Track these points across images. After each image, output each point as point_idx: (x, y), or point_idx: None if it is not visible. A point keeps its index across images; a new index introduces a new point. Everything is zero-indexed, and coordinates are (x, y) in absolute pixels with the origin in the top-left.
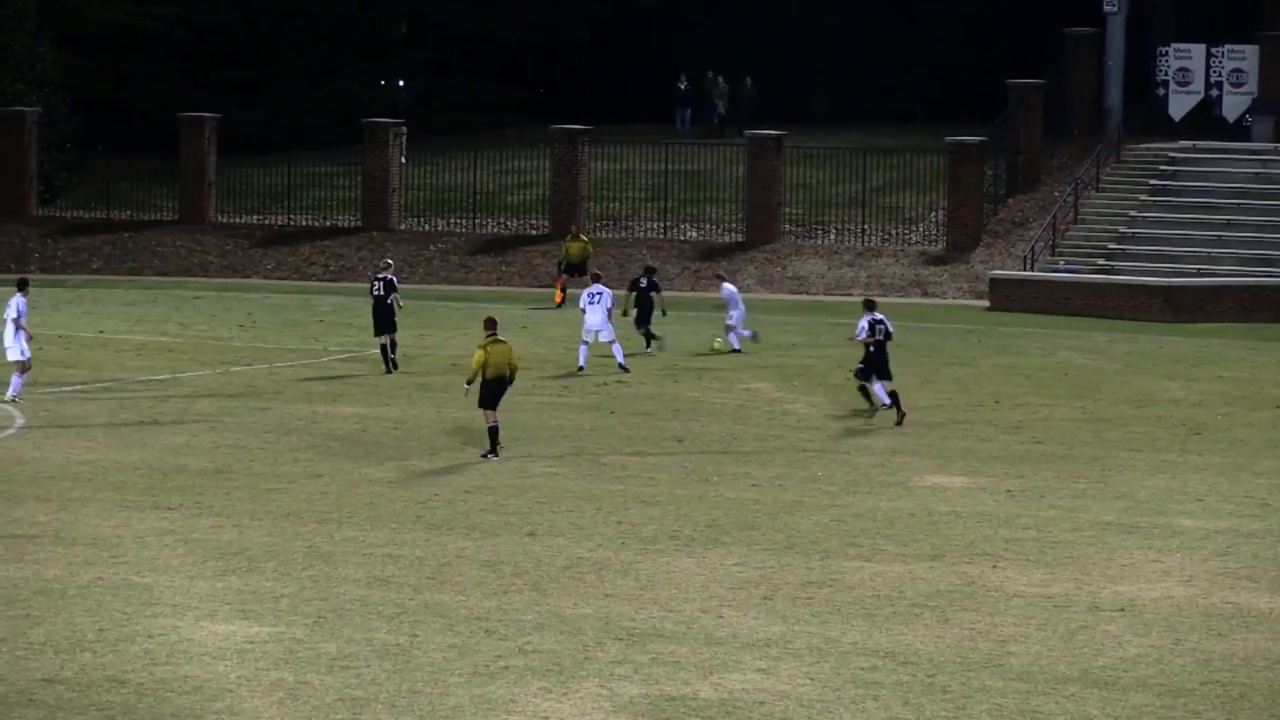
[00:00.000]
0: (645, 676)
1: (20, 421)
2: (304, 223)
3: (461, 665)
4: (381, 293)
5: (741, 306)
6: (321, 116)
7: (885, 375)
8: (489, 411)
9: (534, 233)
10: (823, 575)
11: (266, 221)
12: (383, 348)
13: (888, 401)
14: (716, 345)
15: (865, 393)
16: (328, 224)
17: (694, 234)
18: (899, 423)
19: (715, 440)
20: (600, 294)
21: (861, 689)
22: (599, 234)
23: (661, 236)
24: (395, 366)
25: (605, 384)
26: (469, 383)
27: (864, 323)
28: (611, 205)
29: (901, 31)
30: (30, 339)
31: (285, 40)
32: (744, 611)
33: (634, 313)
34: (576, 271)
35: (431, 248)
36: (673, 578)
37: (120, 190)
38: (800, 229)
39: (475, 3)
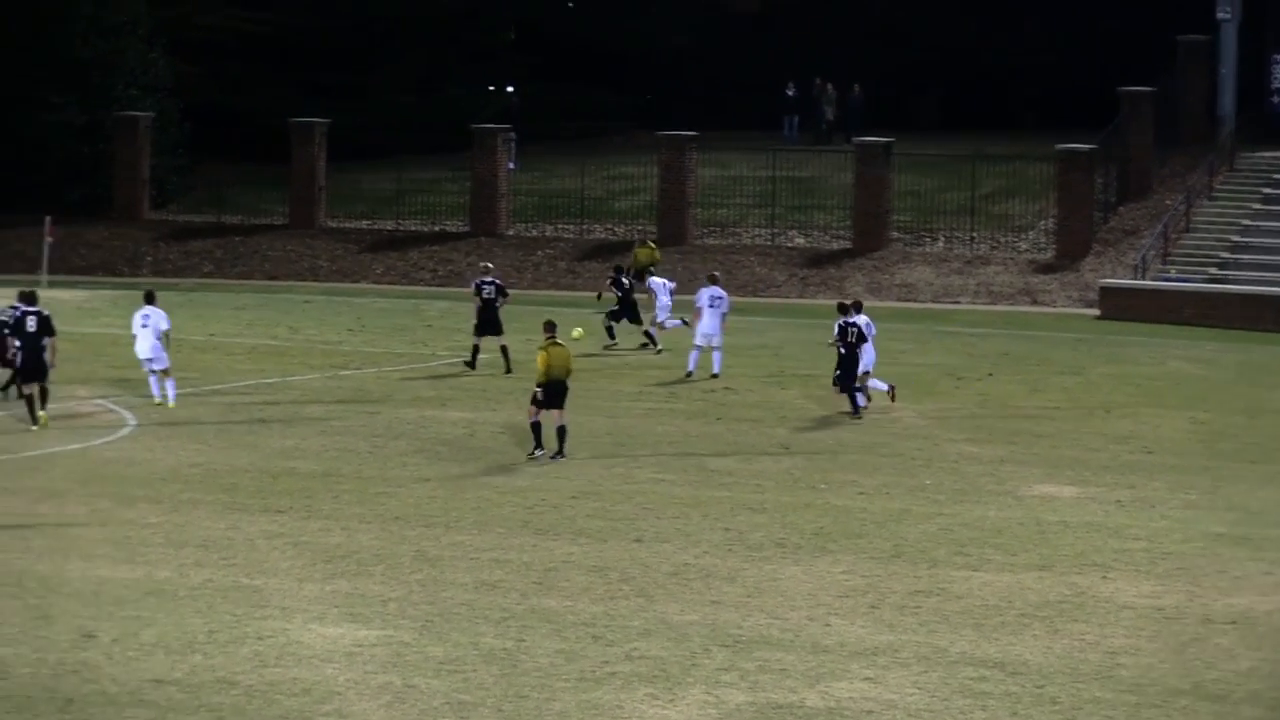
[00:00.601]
0: (752, 684)
1: (132, 423)
2: (413, 228)
3: (568, 670)
4: (492, 296)
5: (666, 299)
6: (430, 122)
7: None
8: (541, 410)
9: (642, 239)
10: (930, 584)
11: (376, 226)
12: (474, 349)
13: (884, 387)
14: (576, 334)
15: (853, 399)
16: (436, 229)
17: (801, 241)
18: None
19: (822, 448)
20: (721, 298)
21: (969, 699)
22: (705, 240)
23: (768, 243)
24: (510, 369)
25: (712, 390)
26: (539, 385)
27: (835, 326)
28: (719, 211)
29: (1010, 38)
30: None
31: (395, 46)
32: (851, 620)
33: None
34: (639, 277)
35: (539, 253)
36: (779, 585)
37: (231, 194)
38: (908, 236)
39: (583, 9)
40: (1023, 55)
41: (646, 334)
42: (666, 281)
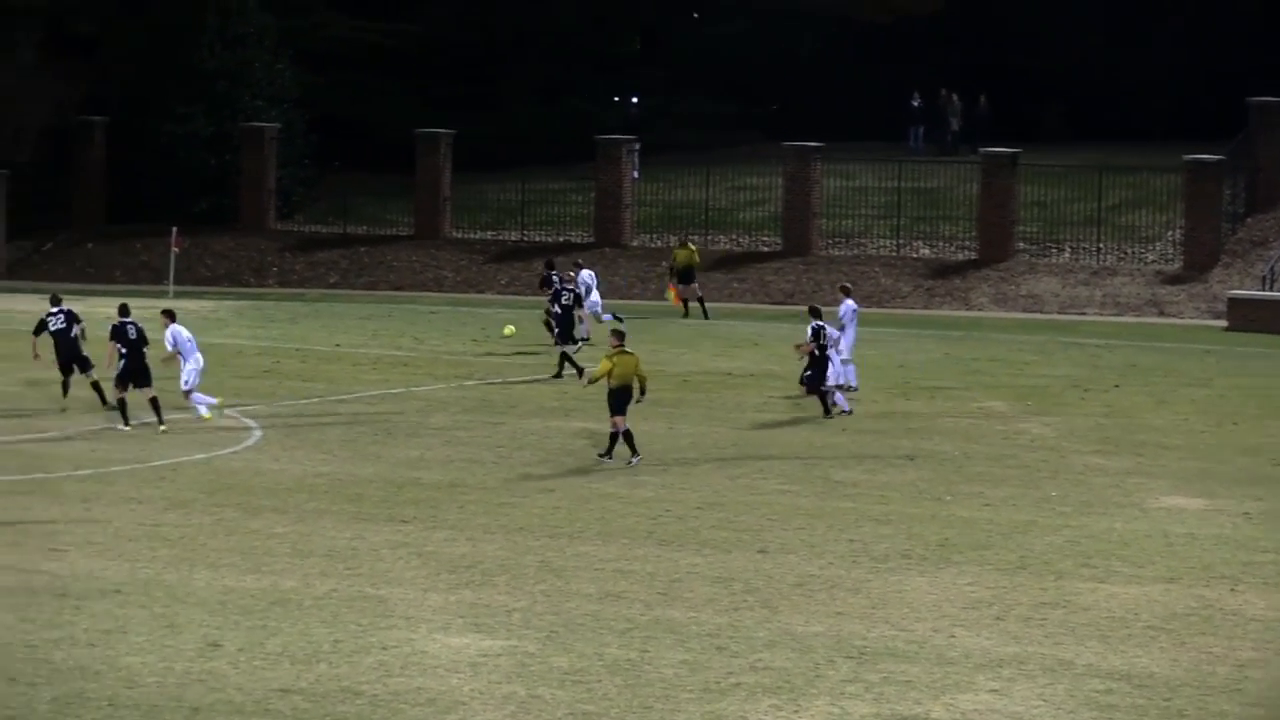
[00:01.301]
0: (876, 695)
1: (258, 433)
2: (537, 238)
3: (692, 681)
4: (570, 303)
5: (596, 296)
6: (555, 133)
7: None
8: (618, 418)
9: (766, 249)
10: (1056, 596)
11: (500, 237)
12: (564, 355)
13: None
14: (507, 331)
15: (823, 400)
16: (561, 239)
17: (926, 252)
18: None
19: (948, 459)
20: (856, 311)
21: (1096, 711)
22: (830, 251)
23: (893, 254)
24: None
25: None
26: (591, 382)
27: (809, 329)
28: (844, 222)
29: (1137, 48)
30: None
31: (520, 57)
32: (976, 631)
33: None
34: (685, 280)
35: (663, 264)
36: (904, 596)
37: (356, 205)
38: (1034, 247)
39: (709, 19)
40: (1149, 65)
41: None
42: (591, 273)
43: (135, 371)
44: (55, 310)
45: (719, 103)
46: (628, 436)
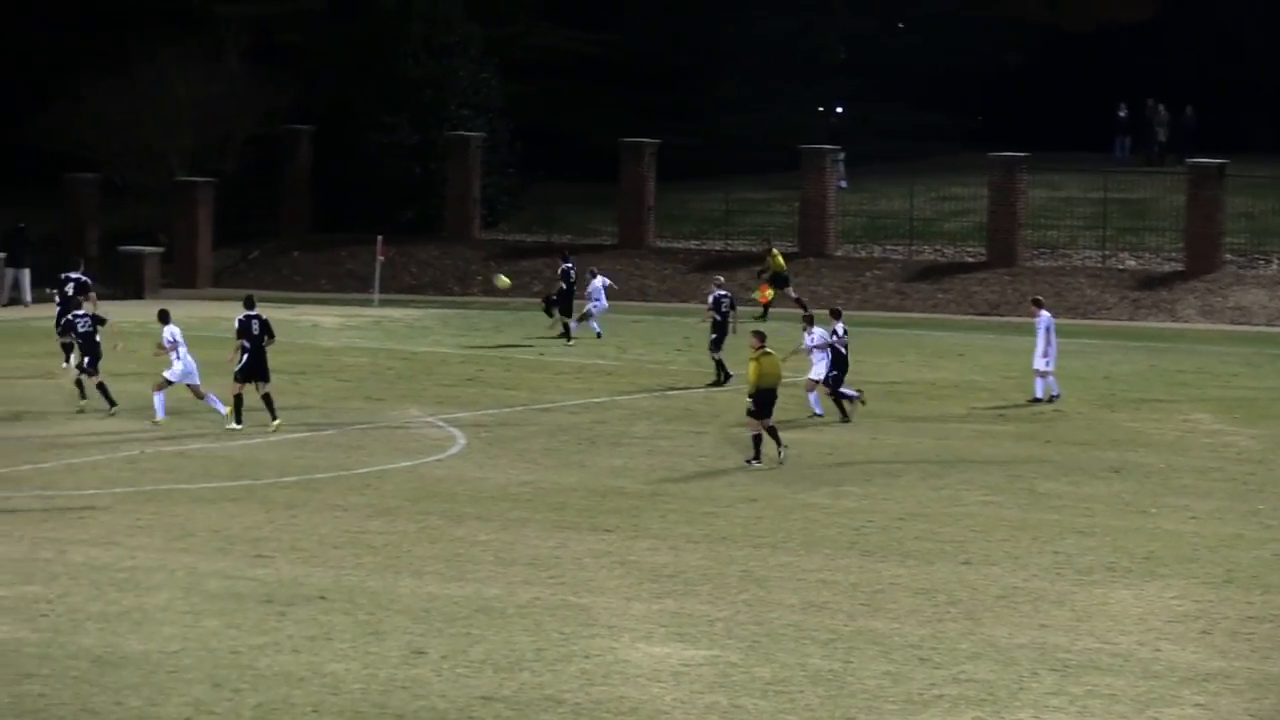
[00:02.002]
0: (1080, 709)
1: (462, 441)
2: (741, 248)
3: (895, 693)
4: (729, 309)
5: (604, 301)
6: (758, 142)
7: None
8: (759, 420)
9: (970, 260)
10: (1263, 610)
11: (704, 246)
12: (719, 362)
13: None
14: (501, 283)
15: (839, 401)
16: (763, 249)
17: (1132, 263)
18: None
19: (1153, 471)
20: (1052, 322)
21: None
22: (1035, 262)
23: (1099, 265)
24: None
25: (1041, 413)
26: (751, 395)
27: (827, 331)
28: (1049, 233)
29: None
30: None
31: (725, 66)
32: (1182, 645)
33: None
34: (779, 284)
35: (867, 274)
36: (1109, 609)
37: (560, 214)
38: (1242, 259)
39: (913, 29)
40: None
41: (566, 325)
42: (607, 280)
43: (253, 369)
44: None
45: (922, 113)
46: (772, 432)
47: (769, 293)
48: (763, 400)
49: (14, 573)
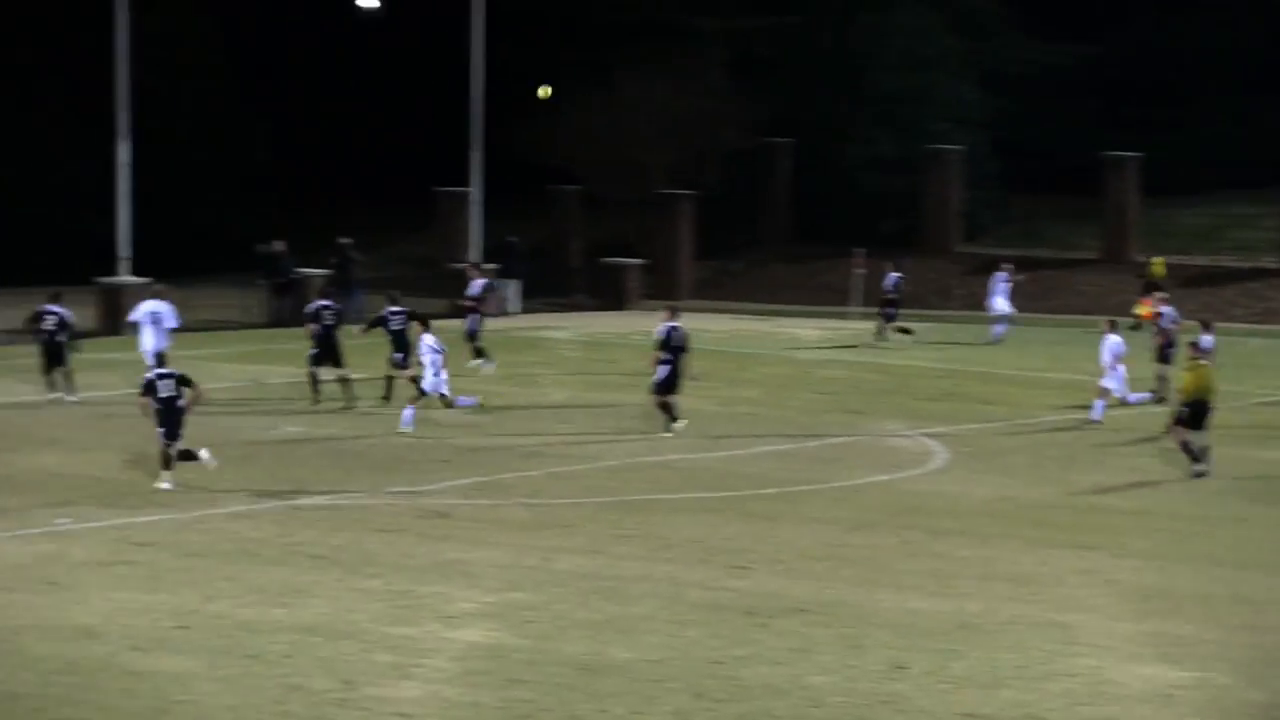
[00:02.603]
0: None
1: (942, 456)
2: (1227, 264)
3: None
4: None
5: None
6: (1248, 155)
7: None
8: (1185, 429)
9: None
10: None
11: (1189, 262)
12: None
13: None
14: (543, 92)
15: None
16: (1252, 265)
17: None
18: None
19: None
20: None
21: None
22: None
23: None
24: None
25: None
26: (1185, 405)
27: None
28: None
29: None
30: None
31: (1210, 77)
32: None
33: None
34: (1150, 290)
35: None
36: None
37: (1042, 228)
38: None
39: None
40: None
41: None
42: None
43: (671, 383)
44: (396, 310)
45: None
46: (1185, 447)
47: (1149, 306)
48: (1196, 412)
49: (501, 580)
